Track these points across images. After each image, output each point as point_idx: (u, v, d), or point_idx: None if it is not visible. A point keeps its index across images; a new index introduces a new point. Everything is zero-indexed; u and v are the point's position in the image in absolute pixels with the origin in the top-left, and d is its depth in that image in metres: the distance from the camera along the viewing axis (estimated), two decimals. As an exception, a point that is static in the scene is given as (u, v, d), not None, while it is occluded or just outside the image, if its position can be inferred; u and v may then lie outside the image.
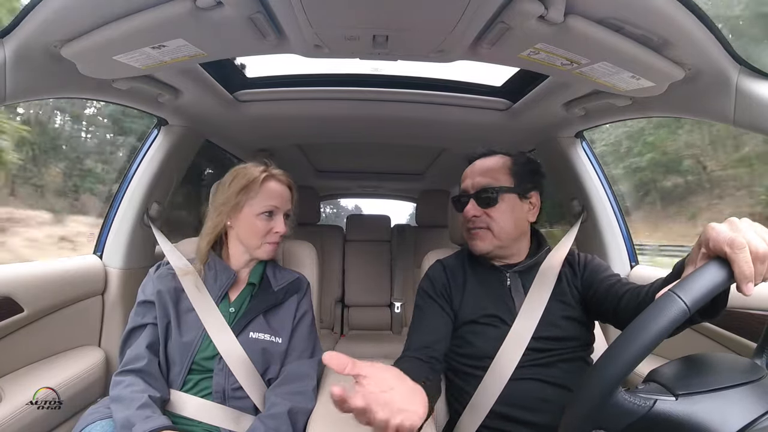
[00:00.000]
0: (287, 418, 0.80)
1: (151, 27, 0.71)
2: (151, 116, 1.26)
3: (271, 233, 0.93)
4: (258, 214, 0.92)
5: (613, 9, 0.67)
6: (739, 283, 0.44)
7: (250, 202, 0.92)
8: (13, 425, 0.87)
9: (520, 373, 0.80)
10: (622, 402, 0.44)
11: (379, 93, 1.28)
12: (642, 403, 0.44)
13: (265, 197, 0.93)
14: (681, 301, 0.43)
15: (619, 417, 0.44)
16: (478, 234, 0.90)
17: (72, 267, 1.20)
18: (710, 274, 0.44)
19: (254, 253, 0.95)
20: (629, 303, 0.75)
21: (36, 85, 0.83)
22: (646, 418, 0.43)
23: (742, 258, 0.43)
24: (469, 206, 0.90)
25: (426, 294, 0.93)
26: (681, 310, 0.42)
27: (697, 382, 0.46)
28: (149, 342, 0.86)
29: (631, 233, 1.40)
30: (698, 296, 0.43)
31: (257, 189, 0.92)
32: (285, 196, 0.96)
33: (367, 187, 3.07)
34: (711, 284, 0.44)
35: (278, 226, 0.94)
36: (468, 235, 0.92)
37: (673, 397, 0.44)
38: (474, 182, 0.91)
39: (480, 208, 0.89)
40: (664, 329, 0.42)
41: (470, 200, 0.91)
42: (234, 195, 0.92)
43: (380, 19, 0.75)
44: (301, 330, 0.95)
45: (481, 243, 0.90)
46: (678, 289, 0.44)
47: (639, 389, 0.46)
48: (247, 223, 0.93)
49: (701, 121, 1.19)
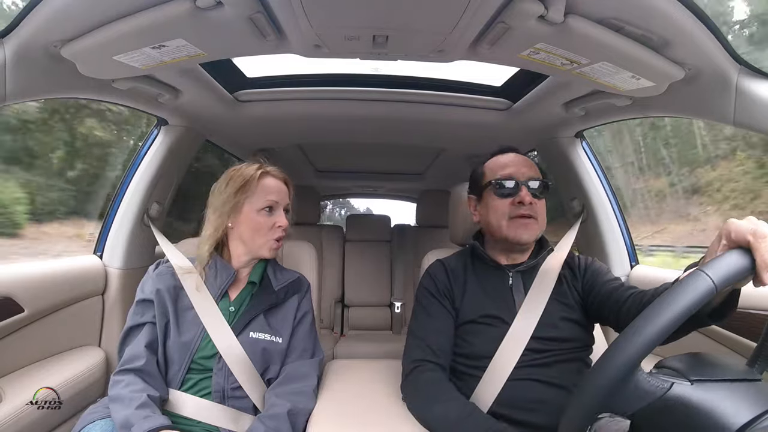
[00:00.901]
0: (287, 418, 0.79)
1: (151, 27, 0.71)
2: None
3: (275, 228, 0.93)
4: (259, 211, 0.92)
5: (613, 9, 0.67)
6: (759, 270, 0.45)
7: (250, 200, 0.92)
8: (13, 425, 0.87)
9: (519, 373, 0.80)
10: (642, 381, 0.44)
11: (379, 93, 1.28)
12: (660, 384, 0.44)
13: (264, 193, 0.93)
14: (708, 278, 0.43)
15: (635, 398, 0.44)
16: (528, 223, 0.88)
17: (72, 267, 1.20)
18: (735, 258, 0.45)
19: (258, 252, 0.94)
20: (632, 308, 0.75)
21: (36, 85, 0.83)
22: (662, 400, 0.43)
23: (764, 246, 0.45)
24: (525, 193, 0.87)
25: (429, 293, 0.93)
26: (708, 287, 0.43)
27: (710, 371, 0.46)
28: (148, 341, 0.86)
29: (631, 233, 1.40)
30: (724, 276, 0.44)
31: (254, 187, 0.93)
32: (283, 191, 0.97)
33: (367, 187, 3.07)
34: (736, 267, 0.45)
35: (280, 220, 0.94)
36: (512, 224, 0.88)
37: (689, 383, 0.44)
38: (521, 171, 0.90)
39: (533, 198, 0.88)
40: (692, 305, 0.42)
41: (523, 187, 0.88)
42: (232, 196, 0.92)
43: (380, 19, 0.75)
44: (301, 330, 0.95)
45: (530, 232, 0.88)
46: (705, 267, 0.44)
47: (655, 372, 0.46)
48: (249, 222, 0.93)
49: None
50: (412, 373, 0.84)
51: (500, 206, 0.89)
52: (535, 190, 0.89)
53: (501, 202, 0.89)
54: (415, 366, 0.84)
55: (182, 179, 1.46)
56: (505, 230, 0.88)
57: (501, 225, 0.89)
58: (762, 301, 0.87)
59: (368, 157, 2.22)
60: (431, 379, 0.81)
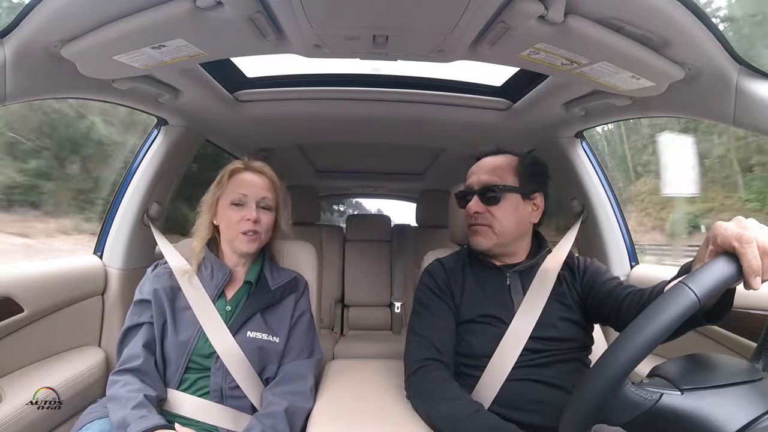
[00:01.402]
0: (284, 416, 0.80)
1: (151, 27, 0.71)
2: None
3: (242, 221, 0.92)
4: (229, 205, 0.93)
5: (613, 9, 0.67)
6: (747, 276, 0.44)
7: (223, 195, 0.94)
8: (13, 425, 0.87)
9: (517, 373, 0.80)
10: (629, 394, 0.44)
11: (379, 93, 1.28)
12: (649, 396, 0.44)
13: (234, 187, 0.94)
14: (691, 292, 0.43)
15: (624, 410, 0.44)
16: (479, 230, 0.90)
17: (72, 267, 1.20)
18: (720, 267, 0.45)
19: (237, 248, 0.94)
20: (631, 306, 0.75)
21: (36, 85, 0.83)
22: (652, 411, 0.43)
23: (750, 252, 0.44)
24: (473, 202, 0.91)
25: (430, 290, 0.93)
26: (691, 300, 0.42)
27: (702, 378, 0.46)
28: (146, 341, 0.86)
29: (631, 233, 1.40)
30: (708, 288, 0.43)
31: (226, 181, 0.95)
32: (256, 184, 0.95)
33: (367, 187, 3.07)
34: (720, 276, 0.44)
35: (248, 213, 0.92)
36: (469, 231, 0.93)
37: (679, 392, 0.44)
38: (479, 179, 0.92)
39: (483, 205, 0.90)
40: (675, 320, 0.42)
41: (474, 197, 0.91)
42: (212, 192, 0.95)
43: (380, 19, 0.75)
44: (298, 329, 0.95)
45: (482, 239, 0.90)
46: (688, 280, 0.44)
47: (644, 383, 0.46)
48: (223, 217, 0.94)
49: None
50: (417, 373, 0.84)
51: (463, 216, 0.95)
52: (489, 197, 0.90)
53: (462, 212, 0.96)
54: (419, 366, 0.84)
55: (182, 179, 1.46)
56: (469, 238, 0.94)
57: (467, 232, 0.94)
58: (762, 301, 0.87)
59: (368, 157, 2.22)
60: (436, 379, 0.81)
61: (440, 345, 0.86)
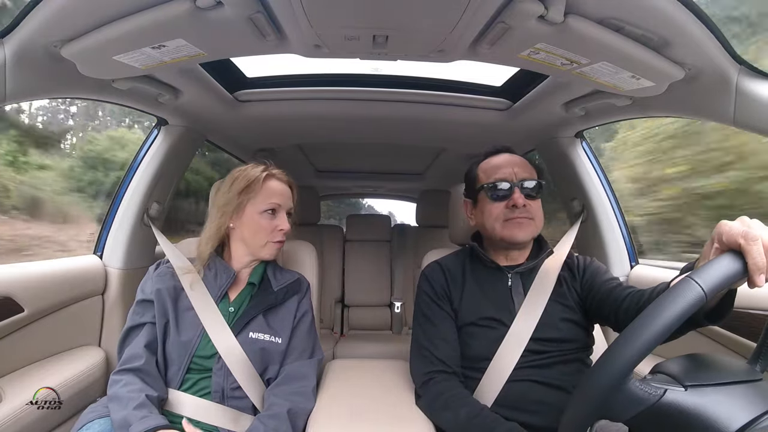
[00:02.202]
0: (287, 418, 0.79)
1: (151, 27, 0.71)
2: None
3: (276, 231, 0.93)
4: (261, 213, 0.92)
5: (613, 9, 0.67)
6: (751, 274, 0.44)
7: (253, 201, 0.92)
8: (13, 425, 0.87)
9: (518, 374, 0.80)
10: (634, 389, 0.44)
11: (379, 93, 1.28)
12: (653, 391, 0.44)
13: (267, 195, 0.93)
14: (698, 286, 0.43)
15: (628, 405, 0.44)
16: (524, 223, 0.88)
17: (72, 267, 1.20)
18: (726, 263, 0.45)
19: (258, 254, 0.94)
20: (630, 307, 0.75)
21: (36, 85, 0.83)
22: (655, 407, 0.43)
23: (755, 249, 0.44)
24: (518, 194, 0.87)
25: (428, 297, 0.93)
26: (698, 294, 0.42)
27: (704, 375, 0.46)
28: (147, 341, 0.86)
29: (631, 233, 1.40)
30: (714, 282, 0.43)
31: (259, 188, 0.93)
32: (286, 194, 0.97)
33: (367, 187, 3.07)
34: (727, 272, 0.44)
35: (282, 223, 0.94)
36: (508, 224, 0.88)
37: (683, 388, 0.44)
38: (516, 172, 0.90)
39: (525, 199, 0.88)
40: (682, 313, 0.42)
41: (515, 188, 0.88)
42: (236, 196, 0.92)
43: (380, 19, 0.75)
44: (300, 330, 0.95)
45: (525, 232, 0.88)
46: (695, 275, 0.44)
47: (648, 379, 0.46)
48: (251, 223, 0.93)
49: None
50: (424, 386, 0.85)
51: (495, 210, 0.89)
52: (530, 190, 0.89)
53: (495, 205, 0.89)
54: (425, 379, 0.85)
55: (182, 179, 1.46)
56: (500, 231, 0.89)
57: (495, 227, 0.89)
58: (762, 301, 0.87)
59: (368, 157, 2.22)
60: (443, 389, 0.82)
61: (444, 356, 0.85)
